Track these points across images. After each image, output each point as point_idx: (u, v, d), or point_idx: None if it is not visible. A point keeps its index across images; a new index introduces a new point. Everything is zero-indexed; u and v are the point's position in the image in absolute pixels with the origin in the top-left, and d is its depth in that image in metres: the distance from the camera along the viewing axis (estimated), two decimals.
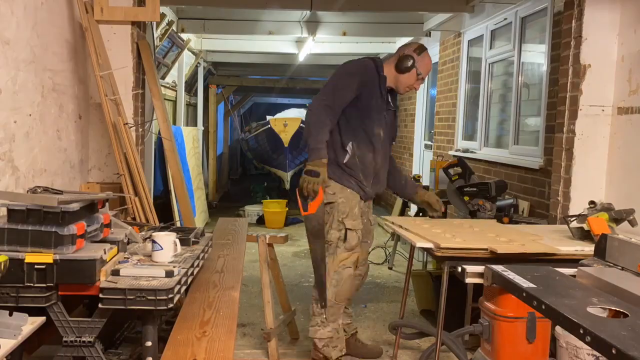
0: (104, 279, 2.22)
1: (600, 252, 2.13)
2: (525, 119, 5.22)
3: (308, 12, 6.45)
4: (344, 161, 3.20)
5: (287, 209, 8.42)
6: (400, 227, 3.07)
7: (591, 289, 1.65)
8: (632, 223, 2.86)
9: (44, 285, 2.15)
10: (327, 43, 8.38)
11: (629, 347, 1.15)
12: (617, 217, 2.83)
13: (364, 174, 3.25)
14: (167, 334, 2.34)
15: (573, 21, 3.72)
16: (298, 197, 3.08)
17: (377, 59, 3.30)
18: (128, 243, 2.67)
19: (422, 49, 3.27)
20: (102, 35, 3.63)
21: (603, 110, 3.69)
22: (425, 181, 6.06)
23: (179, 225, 4.34)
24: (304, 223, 3.19)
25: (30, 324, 2.06)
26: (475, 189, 4.21)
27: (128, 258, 2.51)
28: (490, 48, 5.92)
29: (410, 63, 3.20)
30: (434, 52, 7.76)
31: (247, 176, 15.50)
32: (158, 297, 2.17)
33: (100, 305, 2.19)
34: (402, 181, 3.60)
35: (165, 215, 5.46)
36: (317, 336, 3.24)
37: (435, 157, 7.02)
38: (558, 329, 2.71)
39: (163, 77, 7.60)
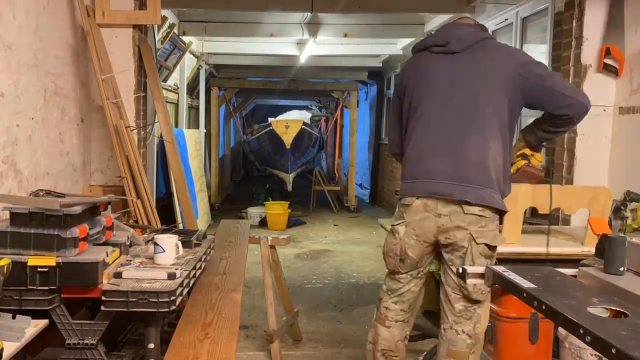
0: (106, 282, 2.22)
1: (601, 252, 2.12)
2: (527, 118, 5.22)
3: (309, 14, 6.46)
4: (507, 192, 2.51)
5: (289, 210, 8.43)
6: None
7: (592, 289, 1.65)
8: None
9: (46, 288, 2.16)
10: (328, 45, 8.39)
11: (628, 347, 1.15)
12: None
13: None
14: (170, 336, 2.35)
15: (574, 21, 3.72)
16: None
17: None
18: (130, 245, 2.67)
19: None
20: (103, 39, 3.64)
21: (605, 110, 3.69)
22: None
23: (181, 228, 4.35)
24: None
25: (33, 327, 2.07)
26: None
27: (130, 260, 2.52)
28: None
29: None
30: None
31: (249, 178, 15.51)
32: (160, 300, 2.17)
33: (102, 308, 2.20)
34: None
35: (167, 218, 5.47)
36: None
37: None
38: (561, 329, 2.71)
39: (165, 80, 7.61)
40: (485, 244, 2.37)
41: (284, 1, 5.69)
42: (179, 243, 2.60)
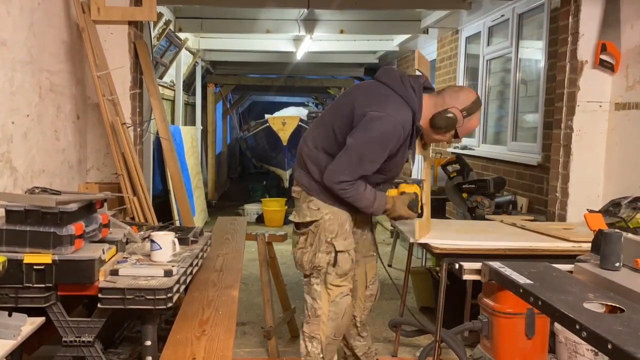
0: (103, 279, 2.22)
1: (597, 248, 2.13)
2: (523, 115, 5.23)
3: (305, 10, 6.45)
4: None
5: (286, 207, 8.42)
6: None
7: (588, 285, 1.66)
8: None
9: (43, 285, 2.15)
10: (324, 41, 8.38)
11: (624, 342, 1.15)
12: None
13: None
14: (167, 333, 2.35)
15: (570, 17, 3.72)
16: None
17: (415, 109, 2.61)
18: (127, 243, 2.67)
19: (474, 109, 2.64)
20: (99, 35, 3.63)
21: (600, 106, 3.70)
22: None
23: (178, 225, 4.34)
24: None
25: (29, 325, 2.06)
26: (473, 186, 4.22)
27: (127, 258, 2.51)
28: (488, 45, 5.93)
29: (451, 125, 2.63)
30: (432, 49, 7.77)
31: (246, 175, 15.49)
32: (157, 297, 2.17)
33: (99, 305, 2.20)
34: None
35: (164, 215, 5.47)
36: None
37: (433, 154, 7.02)
38: (557, 324, 2.72)
39: (161, 77, 7.59)
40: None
41: None
42: (176, 240, 2.59)
